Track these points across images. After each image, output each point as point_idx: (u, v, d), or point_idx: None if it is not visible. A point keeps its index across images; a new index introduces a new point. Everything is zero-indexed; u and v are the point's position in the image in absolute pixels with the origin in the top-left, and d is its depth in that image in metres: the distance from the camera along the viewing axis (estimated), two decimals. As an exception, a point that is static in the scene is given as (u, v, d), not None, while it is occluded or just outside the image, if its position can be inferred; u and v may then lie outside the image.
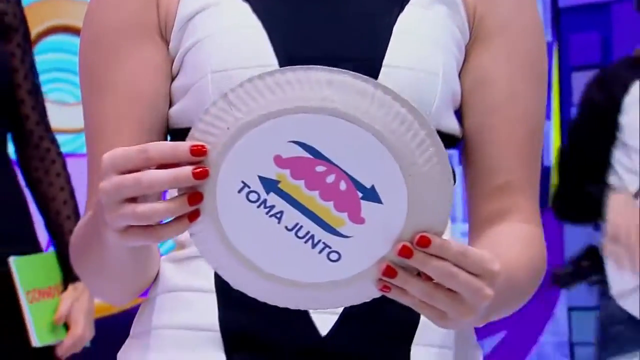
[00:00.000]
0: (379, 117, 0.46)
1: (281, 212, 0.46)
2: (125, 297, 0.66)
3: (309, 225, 0.47)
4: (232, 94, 0.47)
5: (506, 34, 0.67)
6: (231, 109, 0.46)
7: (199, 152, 0.45)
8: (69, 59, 2.67)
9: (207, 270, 0.58)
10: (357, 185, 0.46)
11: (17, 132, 1.56)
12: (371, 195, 0.46)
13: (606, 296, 2.06)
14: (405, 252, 0.45)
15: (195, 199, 0.46)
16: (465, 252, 0.47)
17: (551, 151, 3.12)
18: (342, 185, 0.46)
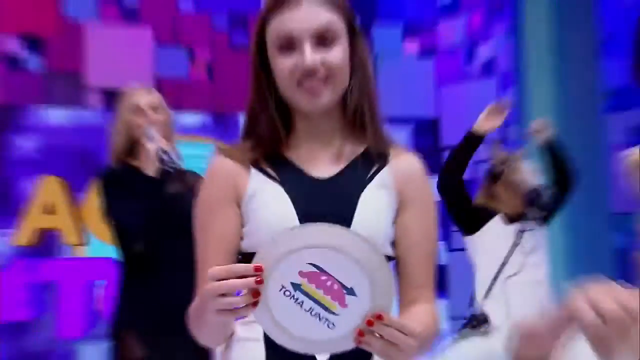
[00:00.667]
0: (354, 250, 1.01)
1: (302, 302, 1.01)
2: (216, 344, 1.37)
3: (317, 309, 1.01)
4: (276, 237, 1.04)
5: (416, 203, 1.34)
6: (274, 246, 1.03)
7: (258, 269, 1.00)
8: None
9: (259, 330, 1.20)
10: (343, 287, 1.01)
11: None
12: (351, 291, 1.01)
13: None
14: (370, 324, 1.00)
15: (256, 295, 1.00)
16: (401, 322, 1.04)
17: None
18: (335, 286, 1.01)
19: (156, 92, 3.11)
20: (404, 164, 1.35)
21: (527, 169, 3.59)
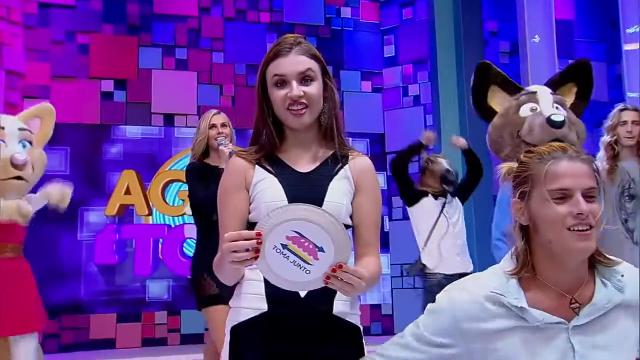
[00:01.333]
0: (323, 221, 1.35)
1: (288, 256, 1.35)
2: (232, 283, 1.64)
3: (298, 261, 1.35)
4: (271, 212, 1.37)
5: (367, 189, 1.67)
6: (269, 218, 1.36)
7: (259, 234, 1.35)
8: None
9: (260, 273, 1.46)
10: (316, 246, 1.35)
11: None
12: (321, 249, 1.35)
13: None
14: (333, 271, 1.35)
15: (257, 251, 1.35)
16: (355, 269, 1.38)
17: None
18: (310, 246, 1.35)
19: (224, 114, 3.57)
20: (358, 162, 1.67)
21: (443, 163, 4.38)
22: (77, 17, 6.79)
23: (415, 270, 4.34)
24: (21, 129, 3.35)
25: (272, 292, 1.53)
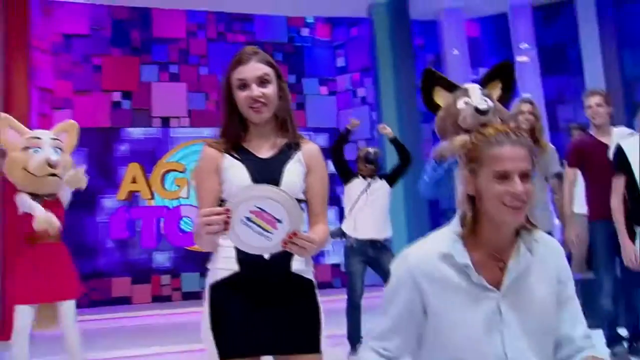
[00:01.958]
0: (280, 198, 1.51)
1: (252, 226, 1.52)
2: (209, 250, 1.75)
3: (261, 230, 1.51)
4: (237, 192, 1.57)
5: (316, 170, 1.83)
6: (236, 197, 1.52)
7: (227, 210, 1.50)
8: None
9: (230, 242, 1.59)
10: (275, 218, 1.52)
11: None
12: (279, 221, 1.51)
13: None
14: (290, 237, 1.52)
15: (226, 224, 1.51)
16: (307, 235, 1.56)
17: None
18: (270, 218, 1.52)
19: None
20: (308, 148, 1.83)
21: (367, 149, 4.69)
22: (92, 44, 7.72)
23: (336, 235, 4.60)
24: (53, 138, 3.71)
25: (242, 255, 1.68)
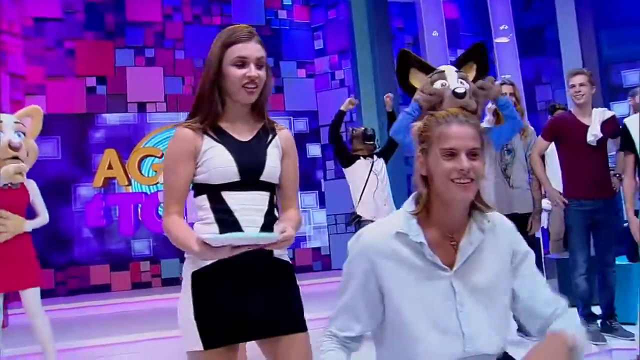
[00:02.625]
0: (266, 237, 1.57)
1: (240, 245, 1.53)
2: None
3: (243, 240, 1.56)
4: (218, 240, 1.53)
5: (289, 155, 1.83)
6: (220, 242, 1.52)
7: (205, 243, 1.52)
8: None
9: (214, 229, 1.68)
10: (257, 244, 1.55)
11: None
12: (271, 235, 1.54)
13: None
14: (282, 237, 1.56)
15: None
16: (287, 235, 1.60)
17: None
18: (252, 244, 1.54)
19: None
20: (284, 134, 1.84)
21: (361, 127, 4.79)
22: (65, 28, 7.59)
23: (352, 221, 4.60)
24: (16, 122, 3.70)
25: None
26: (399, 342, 1.47)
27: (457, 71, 3.23)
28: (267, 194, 1.77)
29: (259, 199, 1.74)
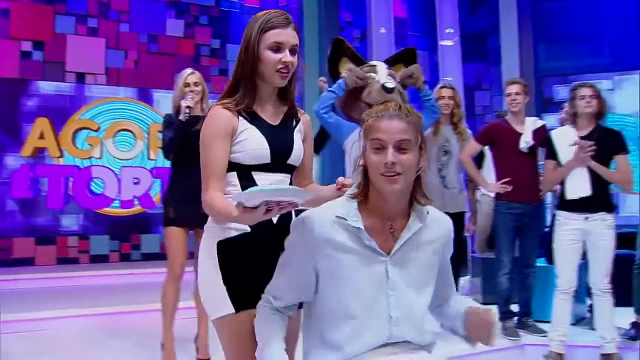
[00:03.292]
0: (291, 189, 1.55)
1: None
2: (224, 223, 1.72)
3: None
4: (252, 195, 1.48)
5: (309, 139, 1.94)
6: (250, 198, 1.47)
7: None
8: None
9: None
10: (293, 202, 1.50)
11: None
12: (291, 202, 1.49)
13: None
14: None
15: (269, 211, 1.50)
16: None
17: None
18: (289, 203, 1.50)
19: (197, 73, 3.65)
20: (305, 119, 1.92)
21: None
22: None
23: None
24: None
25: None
26: (329, 320, 1.55)
27: (387, 68, 3.35)
28: (289, 175, 1.87)
29: (283, 181, 1.83)
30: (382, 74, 3.26)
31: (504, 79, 7.18)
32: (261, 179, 1.79)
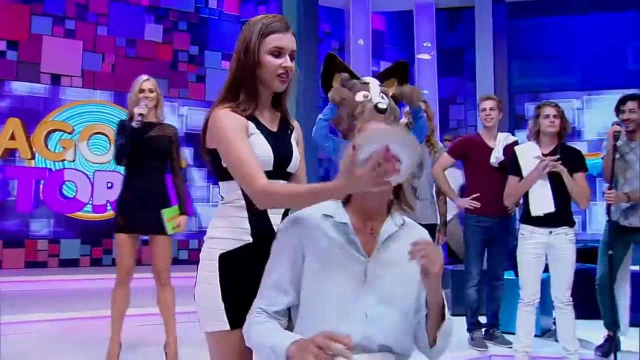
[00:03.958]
0: (411, 144, 1.45)
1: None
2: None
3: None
4: (373, 135, 1.52)
5: (301, 144, 1.92)
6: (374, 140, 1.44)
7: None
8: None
9: (244, 211, 1.76)
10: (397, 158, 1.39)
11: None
12: (399, 161, 1.42)
13: None
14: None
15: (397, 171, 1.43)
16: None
17: None
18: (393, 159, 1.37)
19: (153, 80, 3.75)
20: (297, 125, 1.92)
21: None
22: None
23: None
24: None
25: (256, 226, 1.73)
26: (307, 321, 1.58)
27: (380, 85, 3.37)
28: (286, 183, 1.83)
29: None
30: (374, 92, 3.27)
31: (478, 94, 7.35)
32: None
